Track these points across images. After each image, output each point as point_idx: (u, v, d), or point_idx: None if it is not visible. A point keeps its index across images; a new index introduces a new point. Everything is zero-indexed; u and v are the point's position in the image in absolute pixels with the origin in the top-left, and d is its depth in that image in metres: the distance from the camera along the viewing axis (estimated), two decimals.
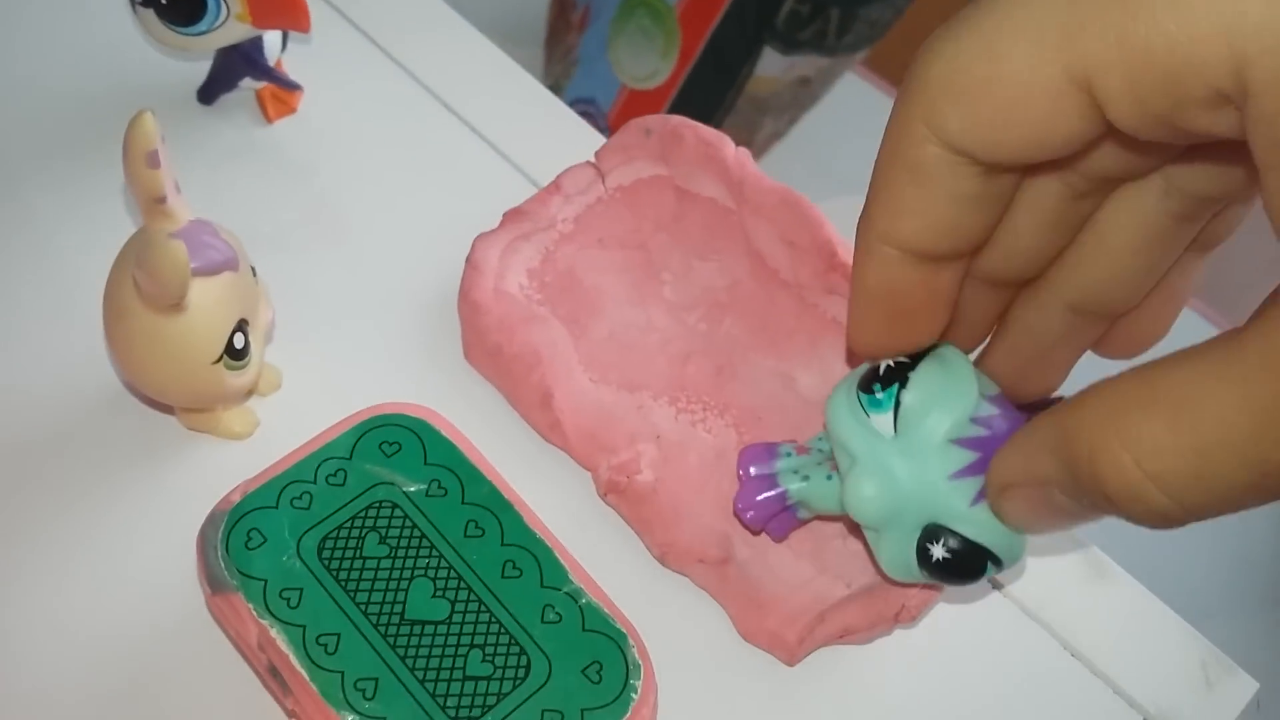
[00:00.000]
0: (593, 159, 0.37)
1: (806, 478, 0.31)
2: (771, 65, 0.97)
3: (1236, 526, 1.10)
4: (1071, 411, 0.22)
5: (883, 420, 0.27)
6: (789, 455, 0.32)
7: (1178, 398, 0.20)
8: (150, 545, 0.32)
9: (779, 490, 0.31)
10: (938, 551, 0.27)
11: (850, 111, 1.18)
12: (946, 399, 0.27)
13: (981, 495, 0.27)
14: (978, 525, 0.27)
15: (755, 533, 0.32)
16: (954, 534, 0.27)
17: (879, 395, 0.27)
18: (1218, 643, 0.35)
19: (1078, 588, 0.35)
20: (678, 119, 0.36)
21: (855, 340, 0.27)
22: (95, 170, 0.39)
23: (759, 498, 0.31)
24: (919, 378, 0.27)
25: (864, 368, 0.28)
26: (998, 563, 0.27)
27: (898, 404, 0.27)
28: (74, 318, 0.36)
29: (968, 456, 0.27)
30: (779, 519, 0.32)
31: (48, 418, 0.34)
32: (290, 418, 0.35)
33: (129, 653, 0.31)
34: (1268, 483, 0.19)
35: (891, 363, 0.27)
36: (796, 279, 0.35)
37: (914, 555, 0.28)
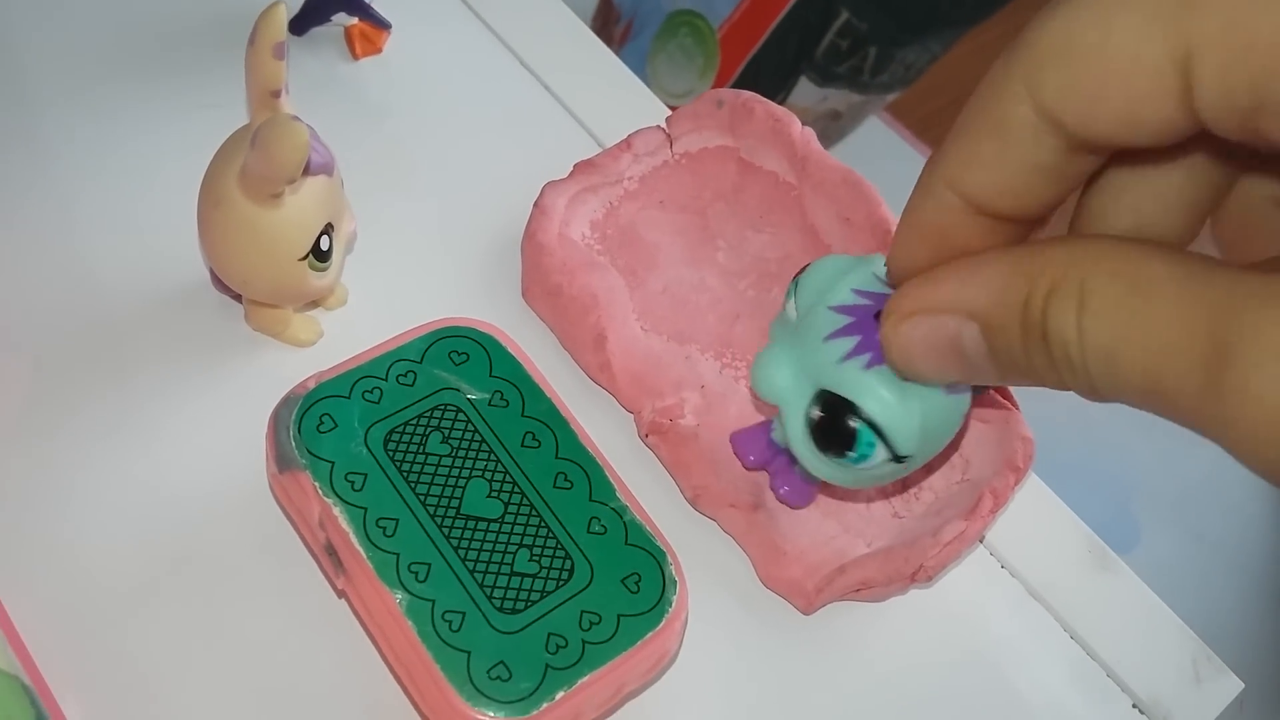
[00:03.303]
0: (663, 124, 0.39)
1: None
2: (805, 95, 0.99)
3: (1243, 538, 1.14)
4: (1038, 249, 0.22)
5: (790, 308, 0.29)
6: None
7: (1140, 279, 0.20)
8: (208, 434, 0.34)
9: (768, 423, 0.32)
10: (813, 413, 0.27)
11: (872, 153, 1.21)
12: (837, 274, 0.28)
13: (853, 354, 0.27)
14: (843, 381, 0.27)
15: (748, 465, 0.33)
16: (829, 393, 0.27)
17: (790, 287, 0.29)
18: (1211, 642, 0.37)
19: (1082, 575, 0.37)
20: (749, 94, 0.38)
21: (893, 263, 0.26)
22: (195, 79, 0.40)
23: (749, 430, 0.33)
24: (818, 262, 0.28)
25: None
26: (872, 426, 0.27)
27: (795, 288, 0.28)
28: (155, 215, 0.37)
29: (842, 319, 0.27)
30: (792, 484, 0.33)
31: (128, 304, 0.36)
32: (351, 334, 0.36)
33: (185, 529, 0.32)
34: (1154, 403, 0.21)
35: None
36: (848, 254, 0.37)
37: (807, 430, 0.28)
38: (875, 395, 0.26)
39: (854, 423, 0.27)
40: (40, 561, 0.31)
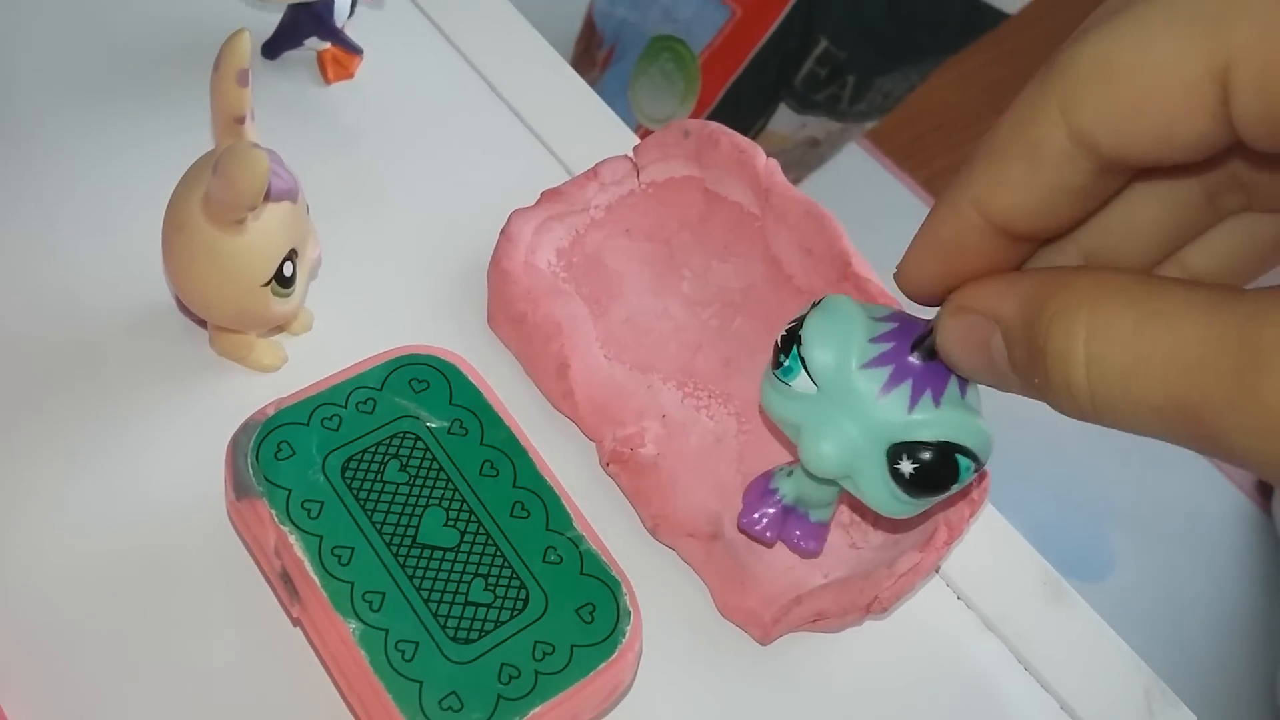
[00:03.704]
0: (631, 153, 0.40)
1: (791, 473, 0.33)
2: (784, 122, 1.00)
3: (1217, 566, 1.14)
4: (1062, 274, 0.23)
5: (801, 382, 0.29)
6: (781, 468, 0.34)
7: (1160, 307, 0.21)
8: (170, 458, 0.34)
9: (771, 490, 0.33)
10: (906, 467, 0.28)
11: (851, 180, 1.22)
12: (841, 335, 0.28)
13: (916, 399, 0.27)
14: (924, 426, 0.27)
15: (769, 544, 0.34)
16: (910, 444, 0.28)
17: (786, 363, 0.29)
18: (1182, 669, 0.37)
19: (1037, 607, 0.37)
20: (715, 124, 0.39)
21: (904, 278, 0.27)
22: (165, 103, 0.41)
23: (757, 508, 0.33)
24: (809, 330, 0.29)
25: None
26: (966, 452, 0.28)
27: (804, 362, 0.29)
28: (126, 237, 0.38)
29: (883, 372, 0.28)
30: (805, 529, 0.33)
31: (92, 327, 0.36)
32: (316, 359, 0.37)
33: (143, 554, 0.32)
34: (1172, 421, 0.21)
35: (783, 332, 0.29)
36: (809, 286, 0.37)
37: (894, 485, 0.28)
38: (964, 427, 0.28)
39: (938, 458, 0.28)
40: None
